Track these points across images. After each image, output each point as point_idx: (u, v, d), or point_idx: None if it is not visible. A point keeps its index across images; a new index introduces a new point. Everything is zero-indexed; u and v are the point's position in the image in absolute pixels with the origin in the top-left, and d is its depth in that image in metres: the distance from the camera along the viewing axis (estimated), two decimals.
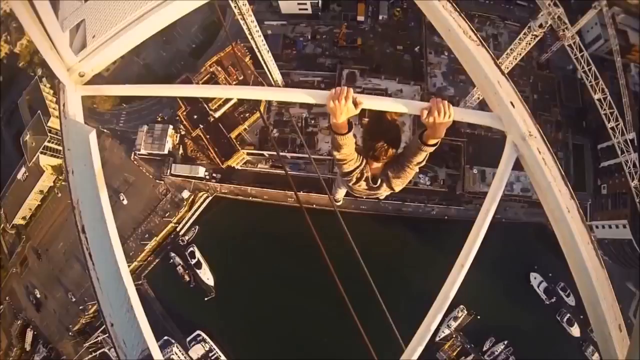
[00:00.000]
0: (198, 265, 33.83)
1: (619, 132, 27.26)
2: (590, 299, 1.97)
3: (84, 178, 2.15)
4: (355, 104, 2.21)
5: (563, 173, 2.15)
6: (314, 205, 31.44)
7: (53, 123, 38.68)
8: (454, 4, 2.36)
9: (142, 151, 33.63)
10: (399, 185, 3.05)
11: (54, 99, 40.28)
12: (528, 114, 2.20)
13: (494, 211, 2.18)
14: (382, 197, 4.03)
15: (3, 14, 42.81)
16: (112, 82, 2.35)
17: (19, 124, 41.25)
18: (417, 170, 2.88)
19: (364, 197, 3.52)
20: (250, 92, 2.52)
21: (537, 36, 24.79)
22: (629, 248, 29.16)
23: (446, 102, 2.19)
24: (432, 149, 2.55)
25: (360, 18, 35.04)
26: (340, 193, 4.91)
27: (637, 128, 28.74)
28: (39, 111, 39.50)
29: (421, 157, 2.65)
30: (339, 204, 5.07)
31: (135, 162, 34.63)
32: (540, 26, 24.17)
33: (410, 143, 2.70)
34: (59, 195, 40.47)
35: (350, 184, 3.17)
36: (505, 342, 30.40)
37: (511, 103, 2.18)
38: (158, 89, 2.48)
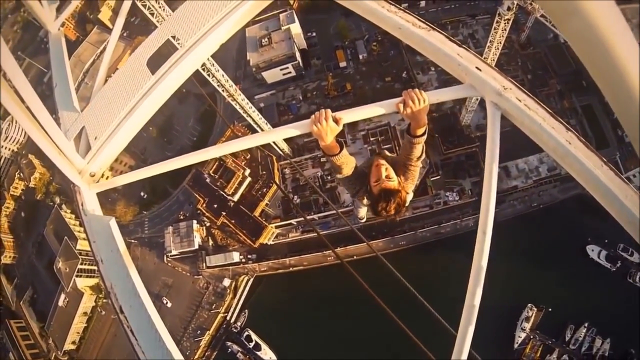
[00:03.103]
0: (257, 347, 33.25)
1: None
2: (627, 219, 1.91)
3: (113, 262, 2.34)
4: (336, 121, 2.29)
5: (550, 111, 2.16)
6: (354, 257, 31.10)
7: (81, 245, 39.42)
8: (395, 5, 2.45)
9: (173, 252, 33.86)
10: (410, 186, 3.06)
11: (77, 223, 41.31)
12: (497, 71, 2.25)
13: (497, 171, 2.15)
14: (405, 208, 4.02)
15: (11, 154, 44.88)
16: (126, 194, 2.33)
17: (49, 253, 42.15)
18: (421, 166, 2.94)
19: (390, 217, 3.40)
20: (242, 143, 2.58)
21: (509, 20, 24.55)
22: None
23: (417, 89, 2.24)
24: (423, 139, 2.60)
25: (343, 64, 35.84)
26: (363, 211, 4.83)
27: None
28: (65, 237, 40.33)
29: (418, 150, 2.71)
30: (362, 221, 5.29)
31: (169, 264, 34.78)
32: (509, 9, 23.83)
33: (403, 144, 2.80)
34: (103, 313, 40.67)
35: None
36: (586, 325, 28.87)
37: (477, 68, 2.24)
38: (165, 165, 2.58)
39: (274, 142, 30.86)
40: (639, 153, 1.10)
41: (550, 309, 29.64)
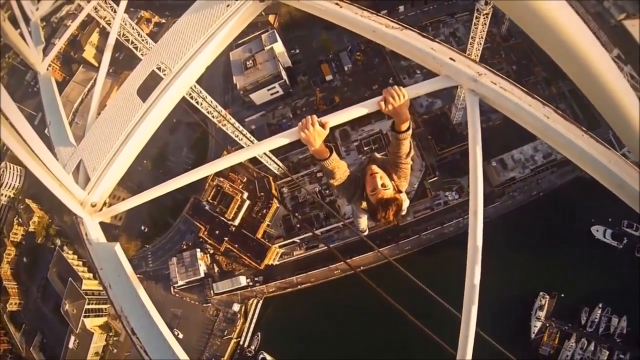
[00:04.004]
0: None
1: None
2: (615, 183, 1.98)
3: (121, 285, 2.39)
4: (322, 125, 2.39)
5: (525, 89, 2.22)
6: (361, 267, 30.97)
7: (87, 285, 39.16)
8: (367, 10, 2.55)
9: (180, 282, 33.64)
10: (404, 184, 3.11)
11: (80, 263, 41.02)
12: (471, 59, 2.32)
13: (480, 154, 2.21)
14: (404, 208, 4.15)
15: (8, 200, 44.71)
16: (127, 229, 2.35)
17: (54, 296, 41.81)
18: (411, 162, 2.99)
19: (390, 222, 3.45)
20: (238, 157, 2.70)
21: (488, 14, 24.82)
22: None
23: (395, 86, 2.33)
24: (408, 134, 2.66)
25: (329, 77, 36.09)
26: (363, 222, 4.90)
27: (618, 44, 28.41)
28: (69, 279, 40.08)
29: (405, 147, 2.77)
30: (365, 233, 5.26)
31: (177, 295, 34.53)
32: (486, 3, 24.08)
33: (390, 143, 2.86)
34: (115, 351, 40.22)
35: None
36: (600, 305, 28.67)
37: (451, 58, 2.31)
38: (164, 187, 2.66)
39: (267, 163, 30.96)
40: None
41: (562, 295, 29.51)
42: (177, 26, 2.83)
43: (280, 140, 2.42)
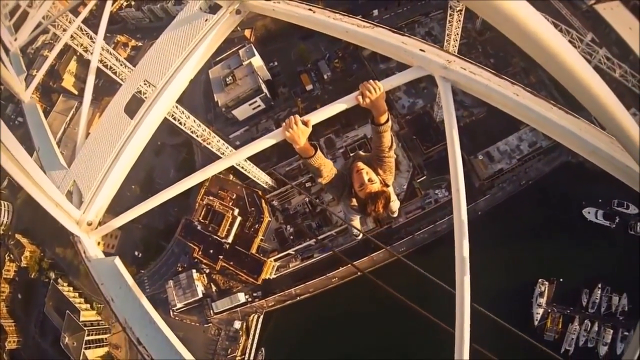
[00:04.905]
0: None
1: (576, 41, 27.25)
2: (588, 150, 2.06)
3: (123, 297, 2.42)
4: (305, 123, 2.49)
5: (495, 71, 2.35)
6: (359, 273, 30.95)
7: (85, 316, 38.70)
8: (340, 13, 2.70)
9: (178, 305, 33.35)
10: (390, 178, 3.19)
11: (76, 294, 40.49)
12: (440, 49, 2.45)
13: (457, 136, 2.24)
14: (394, 210, 4.45)
15: None
16: (120, 256, 2.71)
17: (53, 330, 41.19)
18: (395, 156, 3.12)
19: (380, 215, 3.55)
20: (221, 164, 2.73)
21: (461, 10, 25.12)
22: None
23: (371, 80, 2.46)
24: (388, 126, 2.78)
25: (309, 87, 36.23)
26: (356, 223, 4.97)
27: (591, 28, 28.91)
28: (67, 311, 39.55)
29: (387, 139, 2.88)
30: (359, 237, 5.50)
31: (176, 318, 34.20)
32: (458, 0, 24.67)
33: (372, 138, 2.96)
34: None
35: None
36: (600, 286, 28.86)
37: (421, 50, 2.45)
38: (161, 196, 2.69)
39: (255, 178, 30.93)
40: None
41: (561, 280, 29.68)
42: (160, 42, 2.93)
43: (266, 142, 2.50)
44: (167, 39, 2.89)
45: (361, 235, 5.44)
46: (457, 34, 27.31)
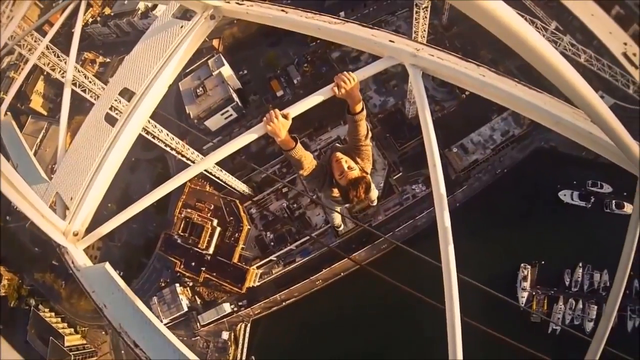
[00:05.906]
0: None
1: (541, 30, 27.73)
2: (552, 121, 2.21)
3: (117, 302, 2.38)
4: (285, 116, 2.62)
5: (460, 56, 2.48)
6: (342, 274, 31.25)
7: (69, 341, 37.97)
8: (311, 11, 2.78)
9: (165, 320, 32.75)
10: (368, 165, 3.30)
11: (59, 319, 39.65)
12: (408, 38, 2.59)
13: (430, 116, 2.33)
14: (373, 198, 4.58)
15: None
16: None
17: (37, 358, 40.24)
18: (371, 144, 3.23)
19: (359, 204, 3.67)
20: (197, 168, 2.82)
21: (427, 7, 25.34)
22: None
23: (345, 72, 2.60)
24: (363, 115, 2.92)
25: (280, 93, 36.24)
26: (337, 218, 5.17)
27: (554, 17, 29.69)
28: (50, 337, 38.71)
29: (363, 128, 3.01)
30: (341, 229, 5.54)
31: None
32: None
33: (348, 128, 3.09)
34: None
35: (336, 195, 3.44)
36: (581, 264, 29.58)
37: (390, 40, 2.56)
38: (149, 198, 2.74)
39: (231, 187, 30.86)
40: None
41: (543, 262, 30.31)
42: (137, 50, 2.98)
43: (248, 137, 2.55)
44: (145, 46, 2.95)
45: (342, 227, 5.54)
46: (425, 30, 27.53)
